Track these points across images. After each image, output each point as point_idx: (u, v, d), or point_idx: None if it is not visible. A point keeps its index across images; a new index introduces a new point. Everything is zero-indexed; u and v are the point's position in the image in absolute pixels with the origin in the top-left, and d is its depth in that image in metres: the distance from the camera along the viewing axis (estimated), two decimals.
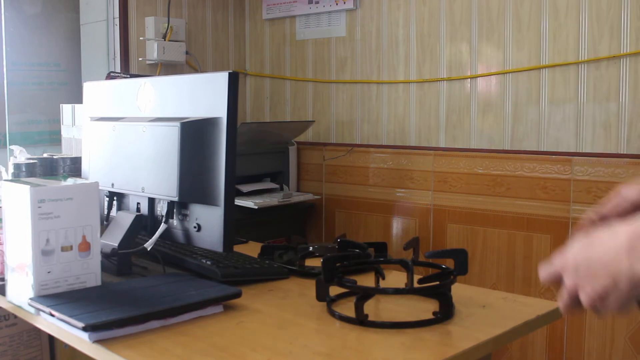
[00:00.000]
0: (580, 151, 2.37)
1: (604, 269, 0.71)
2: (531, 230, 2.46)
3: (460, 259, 1.19)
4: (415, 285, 1.22)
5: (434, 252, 1.21)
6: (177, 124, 1.35)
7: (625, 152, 2.28)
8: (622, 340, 2.30)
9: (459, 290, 1.24)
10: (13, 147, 2.01)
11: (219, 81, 1.32)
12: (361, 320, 1.09)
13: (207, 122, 1.34)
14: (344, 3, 3.00)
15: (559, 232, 2.39)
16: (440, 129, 2.75)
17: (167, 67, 3.15)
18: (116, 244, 1.42)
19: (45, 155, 2.15)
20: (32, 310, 1.18)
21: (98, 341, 1.03)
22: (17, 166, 1.85)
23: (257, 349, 1.00)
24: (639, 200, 0.84)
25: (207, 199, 1.34)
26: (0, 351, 1.71)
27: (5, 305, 1.29)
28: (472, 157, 2.63)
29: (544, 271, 0.79)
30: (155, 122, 1.43)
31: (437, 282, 1.22)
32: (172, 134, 1.36)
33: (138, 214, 1.49)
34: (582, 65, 2.35)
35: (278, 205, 2.82)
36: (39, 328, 1.22)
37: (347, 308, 1.15)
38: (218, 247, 1.34)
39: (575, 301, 0.76)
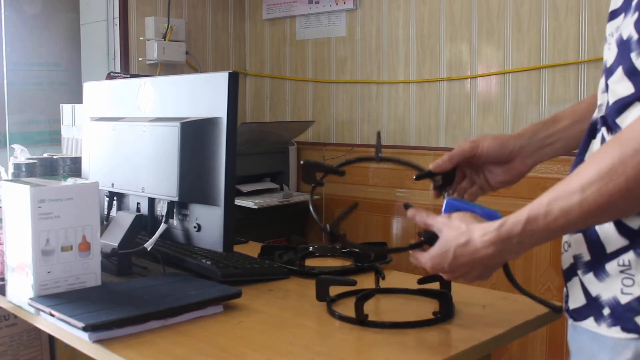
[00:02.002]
0: None
1: (479, 268, 0.90)
2: None
3: None
4: (416, 285, 1.22)
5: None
6: (177, 124, 1.35)
7: None
8: None
9: (459, 290, 1.24)
10: (14, 145, 2.01)
11: (219, 81, 1.32)
12: (361, 320, 1.09)
13: (207, 122, 1.34)
14: (344, 3, 3.00)
15: None
16: (440, 128, 2.75)
17: (167, 67, 3.15)
18: (116, 244, 1.42)
19: (45, 155, 2.15)
20: (32, 310, 1.18)
21: (98, 341, 1.03)
22: (17, 166, 1.85)
23: (257, 349, 1.00)
24: (470, 154, 1.04)
25: (207, 199, 1.34)
26: (0, 351, 1.71)
27: (5, 305, 1.29)
28: None
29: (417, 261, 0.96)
30: (155, 122, 1.43)
31: (438, 282, 1.22)
32: (172, 134, 1.36)
33: (138, 214, 1.49)
34: (582, 65, 2.35)
35: (278, 205, 2.82)
36: (39, 328, 1.22)
37: (347, 308, 1.15)
38: (218, 247, 1.34)
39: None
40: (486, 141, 1.05)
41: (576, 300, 0.88)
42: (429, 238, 0.95)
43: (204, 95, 1.37)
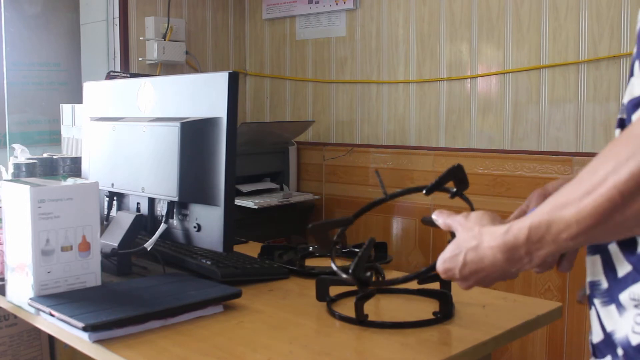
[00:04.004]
0: (581, 151, 2.37)
1: (493, 275, 0.86)
2: None
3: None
4: (416, 285, 1.21)
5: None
6: (177, 124, 1.35)
7: None
8: None
9: (459, 290, 1.24)
10: (15, 145, 2.01)
11: (219, 81, 1.32)
12: (361, 320, 1.09)
13: (207, 122, 1.34)
14: (344, 3, 3.00)
15: None
16: (440, 129, 2.75)
17: (167, 67, 3.15)
18: (116, 244, 1.41)
19: (45, 155, 2.15)
20: (32, 310, 1.18)
21: (98, 341, 1.03)
22: (17, 166, 1.85)
23: (257, 349, 1.00)
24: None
25: (207, 199, 1.34)
26: (0, 351, 1.71)
27: (5, 305, 1.29)
28: (472, 157, 2.63)
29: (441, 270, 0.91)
30: (155, 122, 1.43)
31: (438, 282, 1.22)
32: (172, 134, 1.36)
33: (138, 214, 1.49)
34: (582, 65, 2.35)
35: (278, 205, 2.82)
36: (39, 328, 1.22)
37: (347, 308, 1.15)
38: (218, 247, 1.34)
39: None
40: (555, 182, 1.01)
41: (596, 334, 0.81)
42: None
43: (204, 95, 1.37)
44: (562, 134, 2.42)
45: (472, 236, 0.86)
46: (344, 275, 1.05)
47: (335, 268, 1.09)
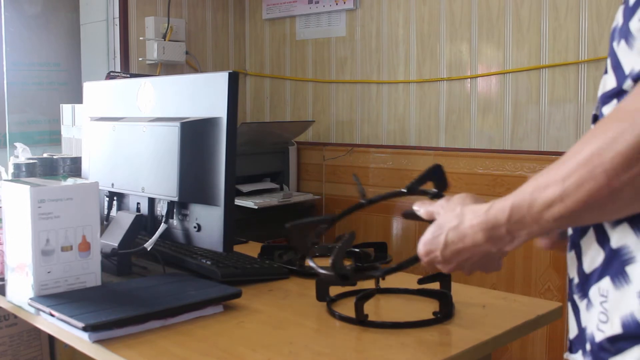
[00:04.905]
0: None
1: (474, 257, 0.84)
2: None
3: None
4: (416, 285, 1.22)
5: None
6: (177, 124, 1.35)
7: None
8: None
9: (459, 290, 1.24)
10: (16, 144, 2.01)
11: (219, 81, 1.32)
12: (361, 320, 1.09)
13: (207, 122, 1.34)
14: (344, 3, 3.00)
15: None
16: (440, 129, 2.75)
17: (167, 67, 3.15)
18: (116, 244, 1.41)
19: (45, 155, 2.15)
20: (32, 310, 1.18)
21: (98, 341, 1.03)
22: (17, 166, 1.85)
23: (257, 349, 1.00)
24: None
25: (207, 199, 1.34)
26: (0, 351, 1.71)
27: (5, 305, 1.29)
28: (472, 157, 2.63)
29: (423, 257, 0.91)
30: (155, 122, 1.43)
31: (438, 282, 1.22)
32: (172, 134, 1.36)
33: (138, 214, 1.49)
34: (582, 65, 2.35)
35: (278, 205, 2.82)
36: (39, 328, 1.22)
37: (347, 308, 1.15)
38: (218, 247, 1.34)
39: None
40: None
41: (572, 329, 0.81)
42: None
43: (204, 95, 1.37)
44: (562, 134, 2.42)
45: (454, 216, 0.85)
46: (322, 271, 1.04)
47: (312, 264, 1.08)
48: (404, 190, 1.04)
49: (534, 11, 2.45)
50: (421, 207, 0.95)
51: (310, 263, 1.10)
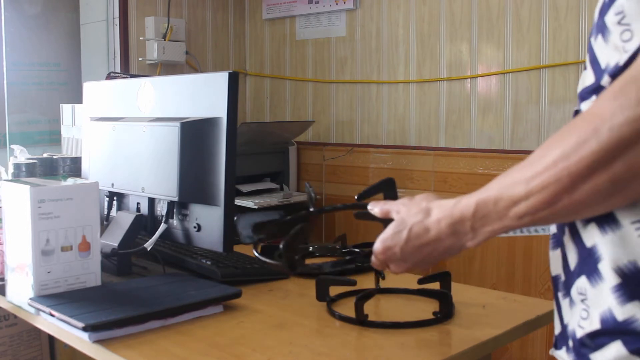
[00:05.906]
0: None
1: (434, 253, 0.85)
2: None
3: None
4: (416, 285, 1.22)
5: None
6: (177, 124, 1.35)
7: None
8: None
9: (459, 290, 1.24)
10: (13, 146, 2.01)
11: (219, 81, 1.32)
12: (361, 320, 1.09)
13: (207, 122, 1.34)
14: (344, 3, 3.00)
15: None
16: (440, 129, 2.75)
17: (167, 67, 3.15)
18: (116, 244, 1.41)
19: (45, 155, 2.15)
20: (32, 310, 1.18)
21: (98, 341, 1.03)
22: (17, 166, 1.85)
23: (257, 349, 1.00)
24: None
25: (207, 199, 1.34)
26: (0, 351, 1.71)
27: (5, 305, 1.29)
28: (472, 157, 2.63)
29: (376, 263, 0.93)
30: (155, 122, 1.43)
31: (438, 282, 1.22)
32: (172, 134, 1.36)
33: (138, 214, 1.49)
34: (582, 65, 2.35)
35: (278, 205, 2.82)
36: (39, 328, 1.22)
37: (347, 308, 1.15)
38: (218, 247, 1.34)
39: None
40: None
41: (557, 326, 0.83)
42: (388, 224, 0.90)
43: (204, 95, 1.37)
44: None
45: (419, 210, 0.86)
46: (269, 261, 1.03)
47: (257, 255, 1.07)
48: (356, 197, 1.06)
49: (534, 11, 2.45)
50: (375, 206, 0.96)
51: (255, 254, 1.09)
